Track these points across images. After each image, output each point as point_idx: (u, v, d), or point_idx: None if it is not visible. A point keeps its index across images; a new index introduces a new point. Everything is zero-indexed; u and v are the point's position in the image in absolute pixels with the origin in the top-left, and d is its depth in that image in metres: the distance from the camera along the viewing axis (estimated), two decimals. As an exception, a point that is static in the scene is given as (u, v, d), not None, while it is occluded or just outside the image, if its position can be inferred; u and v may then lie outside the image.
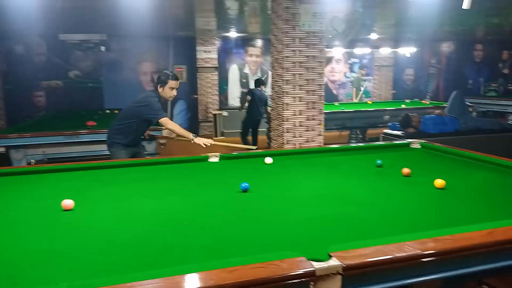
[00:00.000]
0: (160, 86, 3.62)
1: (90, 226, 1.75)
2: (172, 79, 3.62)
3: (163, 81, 3.61)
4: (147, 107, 3.56)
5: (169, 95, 3.66)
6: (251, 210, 1.94)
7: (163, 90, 3.62)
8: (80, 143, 4.97)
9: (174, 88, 3.64)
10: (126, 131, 3.68)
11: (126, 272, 1.27)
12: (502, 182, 2.35)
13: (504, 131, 5.54)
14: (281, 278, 1.17)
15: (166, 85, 3.60)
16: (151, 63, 10.34)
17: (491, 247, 1.41)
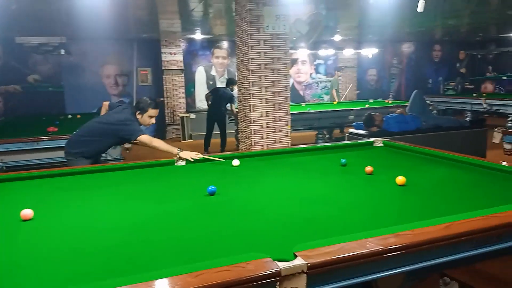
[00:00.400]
0: (139, 113, 3.51)
1: (52, 236, 1.70)
2: (153, 108, 3.52)
3: (143, 109, 3.49)
4: (126, 127, 3.44)
5: (147, 123, 3.56)
6: (218, 213, 1.93)
7: (141, 117, 3.51)
8: (40, 150, 4.80)
9: (153, 116, 3.55)
10: (94, 145, 3.54)
11: (90, 281, 1.24)
12: (459, 178, 2.45)
13: (461, 128, 5.79)
14: (247, 280, 1.18)
15: (145, 113, 3.50)
16: (115, 66, 10.12)
17: (449, 240, 1.47)
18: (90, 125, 3.64)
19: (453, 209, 1.76)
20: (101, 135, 3.51)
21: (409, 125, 5.40)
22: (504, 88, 13.30)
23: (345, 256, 1.32)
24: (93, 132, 3.55)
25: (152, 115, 3.53)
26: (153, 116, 3.55)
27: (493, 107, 9.72)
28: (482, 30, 11.15)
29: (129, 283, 1.14)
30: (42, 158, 4.83)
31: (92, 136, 3.53)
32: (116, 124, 3.47)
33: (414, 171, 2.60)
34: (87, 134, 3.56)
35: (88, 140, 3.53)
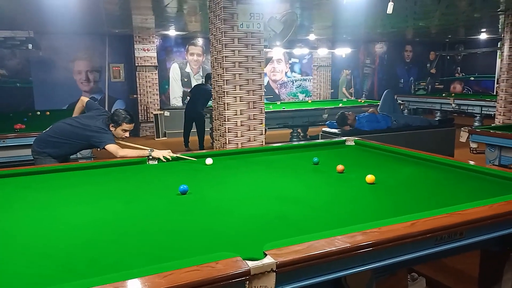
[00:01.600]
0: (112, 126, 3.41)
1: (14, 237, 1.64)
2: (127, 122, 3.42)
3: (117, 122, 3.39)
4: (98, 134, 3.35)
5: (120, 136, 3.46)
6: (190, 213, 1.92)
7: (115, 130, 3.42)
8: (7, 148, 4.64)
9: (127, 130, 3.46)
10: (63, 147, 3.44)
11: (52, 284, 1.21)
12: (426, 176, 2.52)
13: (430, 127, 5.95)
14: (216, 280, 1.18)
15: (119, 126, 3.41)
16: (86, 62, 9.87)
17: (414, 237, 1.51)
18: (61, 126, 3.51)
19: (419, 207, 1.81)
20: (71, 137, 3.41)
21: (380, 124, 5.52)
22: (471, 89, 13.76)
23: (313, 254, 1.34)
24: (64, 134, 3.44)
25: (126, 129, 3.44)
26: (127, 130, 3.45)
27: (461, 106, 10.05)
28: (451, 32, 11.49)
29: (93, 285, 1.11)
30: (9, 156, 4.67)
31: (62, 138, 3.42)
32: (88, 130, 3.37)
33: (384, 170, 2.66)
34: (57, 135, 3.45)
35: (58, 141, 3.42)
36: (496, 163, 4.20)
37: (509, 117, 7.26)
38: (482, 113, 9.45)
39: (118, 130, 3.41)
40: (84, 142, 3.43)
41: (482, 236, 1.72)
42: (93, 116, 3.51)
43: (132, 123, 3.46)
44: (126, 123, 3.41)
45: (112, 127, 3.41)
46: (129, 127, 3.45)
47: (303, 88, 12.45)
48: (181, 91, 10.89)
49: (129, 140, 3.63)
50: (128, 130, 3.46)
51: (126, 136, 3.48)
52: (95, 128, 3.37)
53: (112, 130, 3.41)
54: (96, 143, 3.38)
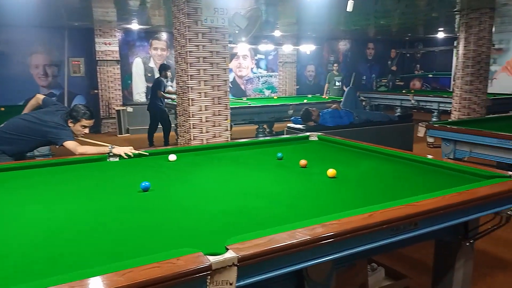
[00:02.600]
0: (71, 121, 3.28)
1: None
2: (87, 118, 3.30)
3: (75, 118, 3.27)
4: (56, 130, 3.21)
5: (79, 132, 3.33)
6: (151, 210, 1.90)
7: (73, 126, 3.29)
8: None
9: (86, 126, 3.33)
10: (18, 144, 3.28)
11: (11, 284, 1.17)
12: (385, 169, 2.61)
13: (390, 122, 6.15)
14: (176, 276, 1.17)
15: (78, 122, 3.28)
16: (44, 55, 9.48)
17: (372, 228, 1.56)
18: (17, 121, 3.35)
19: (377, 199, 1.87)
20: (27, 133, 3.26)
21: (343, 119, 5.64)
22: (430, 85, 14.32)
23: (275, 247, 1.36)
24: (19, 130, 3.28)
25: (85, 125, 3.32)
26: (87, 126, 3.34)
27: (420, 103, 10.44)
28: (411, 30, 11.89)
29: (50, 285, 1.08)
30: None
31: (17, 134, 3.27)
32: (45, 126, 3.23)
33: (345, 164, 2.73)
34: (12, 131, 3.28)
35: (12, 138, 3.26)
36: (451, 157, 4.40)
37: (464, 113, 7.61)
38: (439, 109, 9.85)
39: (77, 126, 3.30)
40: (41, 138, 3.29)
41: (435, 226, 1.80)
42: (51, 112, 3.38)
43: (92, 119, 3.36)
44: (85, 119, 3.30)
45: (70, 123, 3.29)
46: (89, 123, 3.34)
47: (269, 84, 12.52)
48: (144, 86, 10.68)
49: (90, 136, 3.53)
50: (87, 127, 3.35)
51: (86, 132, 3.38)
52: (52, 123, 3.24)
53: (70, 126, 3.29)
54: (53, 140, 3.25)
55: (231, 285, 1.27)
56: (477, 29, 7.37)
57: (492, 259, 3.21)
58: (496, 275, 2.94)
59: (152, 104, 7.75)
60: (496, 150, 4.00)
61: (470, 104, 7.59)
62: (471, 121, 5.11)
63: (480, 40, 7.40)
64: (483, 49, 7.44)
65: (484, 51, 7.45)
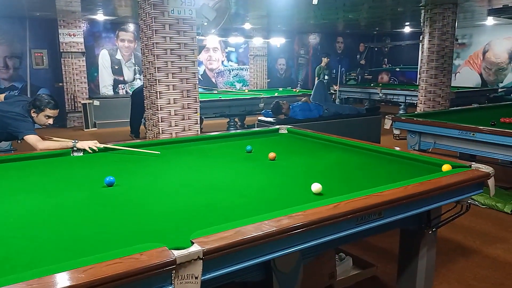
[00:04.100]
0: (34, 112, 3.14)
1: None
2: (51, 108, 3.17)
3: (38, 107, 3.13)
4: (15, 122, 3.07)
5: (43, 123, 3.20)
6: (115, 205, 1.85)
7: (36, 116, 3.16)
8: None
9: (51, 117, 3.20)
10: None
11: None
12: (351, 161, 2.65)
13: (359, 115, 6.27)
14: (140, 271, 1.15)
15: (41, 112, 3.15)
16: (4, 47, 9.06)
17: (337, 218, 1.58)
18: None
19: (343, 190, 1.90)
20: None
21: (313, 112, 5.70)
22: (397, 79, 14.67)
23: (241, 239, 1.36)
24: None
25: (49, 115, 3.20)
26: (51, 116, 3.21)
27: (388, 96, 10.68)
28: (378, 24, 12.12)
29: (4, 285, 1.04)
30: None
31: None
32: (5, 117, 3.09)
33: (312, 156, 2.75)
34: None
35: None
36: (417, 148, 4.52)
37: (429, 105, 7.84)
38: (406, 102, 10.12)
39: (41, 116, 3.18)
40: (1, 131, 3.15)
41: (399, 215, 1.85)
42: (11, 102, 3.24)
43: (56, 109, 3.23)
44: (49, 108, 3.18)
45: (33, 113, 3.16)
46: (53, 113, 3.22)
47: (240, 77, 12.48)
48: (111, 79, 10.41)
49: (55, 131, 3.41)
50: (52, 117, 3.22)
51: (50, 123, 3.26)
52: (13, 114, 3.10)
53: (34, 116, 3.16)
54: (14, 132, 3.11)
55: (197, 279, 1.26)
56: (441, 24, 7.59)
57: (454, 246, 3.33)
58: (458, 262, 3.06)
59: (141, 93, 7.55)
60: (459, 141, 4.15)
61: (435, 97, 7.83)
62: (436, 113, 5.27)
63: (444, 35, 7.62)
64: (446, 44, 7.67)
65: (447, 46, 7.69)
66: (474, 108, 6.62)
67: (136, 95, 7.60)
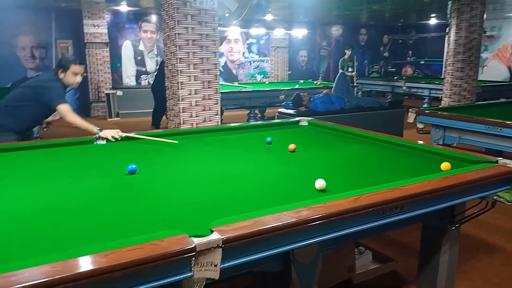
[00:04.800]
0: (61, 71, 3.21)
1: None
2: (75, 63, 3.23)
3: (64, 66, 3.20)
4: (47, 90, 3.14)
5: (71, 82, 3.26)
6: (137, 192, 1.88)
7: (64, 76, 3.22)
8: None
9: (78, 73, 3.25)
10: (20, 115, 3.20)
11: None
12: (373, 154, 2.61)
13: (381, 108, 6.16)
14: (160, 257, 1.16)
15: (68, 70, 3.20)
16: (31, 37, 9.27)
17: (358, 211, 1.56)
18: (15, 91, 3.32)
19: (364, 183, 1.87)
20: (26, 100, 3.19)
21: (334, 105, 5.64)
22: (422, 72, 14.35)
23: (260, 229, 1.36)
24: (18, 98, 3.23)
25: (76, 72, 3.24)
26: (78, 73, 3.26)
27: (412, 89, 10.47)
28: (403, 16, 11.85)
29: (30, 266, 1.07)
30: None
31: (17, 103, 3.20)
32: (38, 86, 3.18)
33: (333, 148, 2.72)
34: (12, 102, 3.23)
35: (13, 109, 3.19)
36: (441, 143, 4.43)
37: (455, 99, 7.64)
38: (430, 95, 9.89)
39: (68, 75, 3.23)
40: (38, 103, 3.19)
41: (421, 210, 1.81)
42: (41, 74, 3.34)
43: (81, 65, 3.30)
44: (74, 64, 3.24)
45: (61, 73, 3.23)
46: (79, 69, 3.27)
47: (261, 69, 12.44)
48: (134, 69, 10.54)
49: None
50: (78, 74, 3.28)
51: (78, 81, 3.30)
52: (45, 79, 3.21)
53: (62, 77, 3.23)
54: (47, 101, 3.16)
55: (216, 267, 1.26)
56: (469, 15, 7.35)
57: (477, 243, 3.26)
58: (481, 259, 2.99)
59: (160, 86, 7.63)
60: (485, 136, 4.03)
61: (461, 91, 7.62)
62: (461, 107, 5.14)
63: (471, 27, 7.39)
64: (474, 36, 7.44)
65: (475, 38, 7.45)
66: (502, 102, 6.41)
67: (154, 88, 7.71)
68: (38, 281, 1.02)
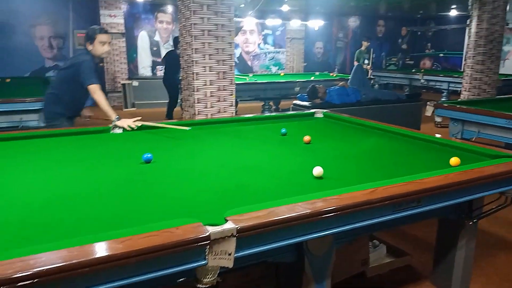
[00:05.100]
0: (89, 43, 3.29)
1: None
2: (101, 32, 3.31)
3: (91, 37, 3.28)
4: (79, 67, 3.24)
5: (101, 51, 3.33)
6: (152, 181, 1.89)
7: (93, 47, 3.29)
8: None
9: (105, 42, 3.32)
10: (64, 99, 3.32)
11: (9, 248, 1.17)
12: (388, 146, 2.58)
13: (398, 101, 6.07)
14: (175, 244, 1.17)
15: (95, 41, 3.27)
16: (48, 27, 9.38)
17: (373, 204, 1.55)
18: (56, 76, 3.59)
19: (380, 176, 1.85)
20: (66, 83, 3.33)
21: (350, 97, 5.57)
22: (440, 65, 14.06)
23: (274, 219, 1.35)
24: (60, 81, 3.37)
25: (103, 41, 3.31)
26: (105, 41, 3.32)
27: (430, 82, 10.27)
28: (423, 7, 11.59)
29: (47, 250, 1.08)
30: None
31: (59, 87, 3.35)
32: (73, 65, 3.31)
33: (349, 140, 2.70)
34: (54, 88, 3.38)
35: (56, 95, 3.33)
36: (459, 137, 4.34)
37: (474, 93, 7.47)
38: (449, 89, 9.69)
39: (96, 45, 3.30)
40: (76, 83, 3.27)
41: (438, 204, 1.78)
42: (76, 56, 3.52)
43: (107, 33, 3.37)
44: (100, 33, 3.31)
45: (89, 45, 3.31)
46: (106, 38, 3.34)
47: (276, 61, 12.36)
48: (150, 60, 10.58)
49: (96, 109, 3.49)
50: (106, 42, 3.34)
51: (107, 50, 3.37)
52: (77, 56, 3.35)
53: (91, 49, 3.31)
54: (81, 79, 3.23)
55: (230, 256, 1.27)
56: (491, 7, 7.15)
57: (495, 239, 3.20)
58: (499, 256, 2.94)
59: (170, 77, 7.68)
60: (505, 131, 3.93)
61: (481, 84, 7.45)
62: (481, 101, 5.02)
63: (493, 19, 7.19)
64: (496, 28, 7.24)
65: (497, 30, 7.25)
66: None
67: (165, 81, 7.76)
68: (56, 265, 1.04)
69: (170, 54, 7.85)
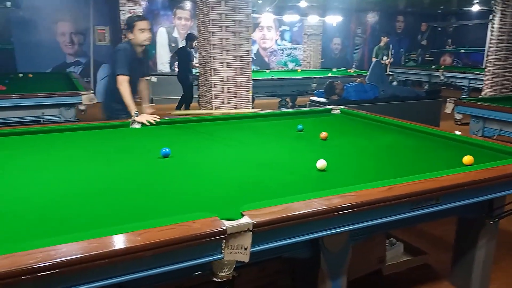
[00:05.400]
0: (130, 32, 3.34)
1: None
2: (139, 19, 3.34)
3: (130, 25, 3.32)
4: (114, 55, 3.33)
5: (142, 39, 3.32)
6: (170, 175, 1.92)
7: (134, 36, 3.32)
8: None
9: (145, 29, 3.32)
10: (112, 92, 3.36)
11: (31, 240, 1.20)
12: (407, 143, 2.54)
13: (417, 98, 5.96)
14: (192, 238, 1.19)
15: (134, 29, 3.29)
16: (70, 23, 9.54)
17: (391, 201, 1.53)
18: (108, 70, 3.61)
19: (398, 173, 1.83)
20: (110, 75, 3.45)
21: (368, 94, 5.51)
22: (461, 61, 13.75)
23: (290, 215, 1.35)
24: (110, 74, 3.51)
25: (143, 28, 3.31)
26: (144, 28, 3.32)
27: (450, 79, 10.07)
28: (444, 2, 11.35)
29: (68, 242, 1.11)
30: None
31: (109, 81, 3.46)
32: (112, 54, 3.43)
33: (366, 137, 2.67)
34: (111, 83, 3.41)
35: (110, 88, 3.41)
36: (480, 134, 4.25)
37: (496, 90, 7.30)
38: (470, 86, 9.48)
39: (136, 33, 3.30)
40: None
41: (458, 202, 1.75)
42: None
43: (145, 20, 3.38)
44: (138, 21, 3.32)
45: (130, 34, 3.35)
46: (145, 25, 3.33)
47: (293, 57, 12.30)
48: (168, 56, 10.66)
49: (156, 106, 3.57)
50: (145, 29, 3.33)
51: (148, 37, 3.35)
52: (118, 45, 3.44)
53: (132, 38, 3.33)
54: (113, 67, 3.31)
55: (246, 250, 1.27)
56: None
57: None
58: (519, 256, 2.88)
59: (182, 74, 7.77)
60: (528, 129, 3.84)
61: (503, 81, 7.27)
62: (503, 98, 4.90)
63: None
64: (520, 23, 7.05)
65: (521, 25, 7.06)
66: (548, 94, 6.06)
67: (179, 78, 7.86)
68: (76, 256, 1.06)
69: (182, 51, 7.95)
